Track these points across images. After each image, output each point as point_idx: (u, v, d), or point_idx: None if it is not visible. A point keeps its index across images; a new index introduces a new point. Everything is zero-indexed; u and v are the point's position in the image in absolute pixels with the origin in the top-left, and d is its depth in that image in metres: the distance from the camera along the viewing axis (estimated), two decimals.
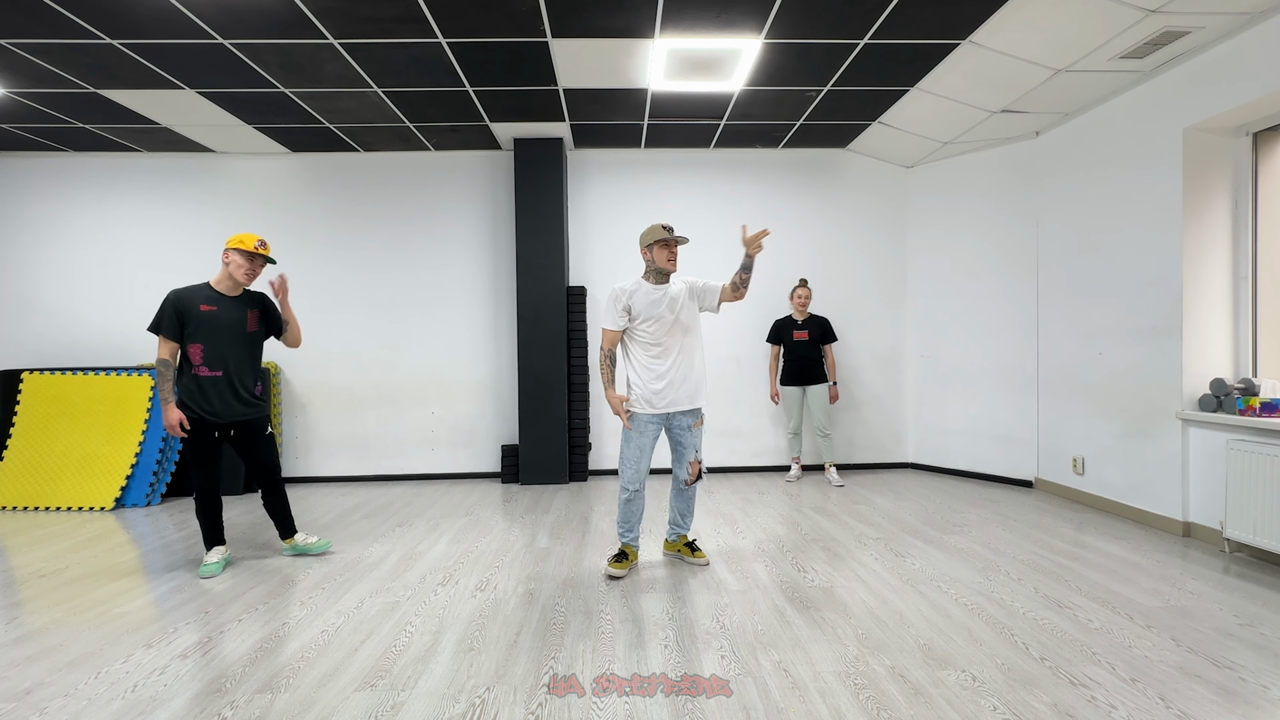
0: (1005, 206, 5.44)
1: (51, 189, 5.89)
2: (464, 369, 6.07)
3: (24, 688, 2.32)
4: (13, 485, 5.07)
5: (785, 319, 5.66)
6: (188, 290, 3.43)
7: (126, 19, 3.59)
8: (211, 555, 3.53)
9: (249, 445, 3.60)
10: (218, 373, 3.43)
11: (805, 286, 5.63)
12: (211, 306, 3.42)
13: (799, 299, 5.59)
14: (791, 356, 5.59)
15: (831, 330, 5.64)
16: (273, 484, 3.71)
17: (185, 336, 3.38)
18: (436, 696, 2.23)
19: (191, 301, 3.39)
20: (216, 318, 3.43)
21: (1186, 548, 3.74)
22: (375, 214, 6.01)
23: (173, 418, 3.31)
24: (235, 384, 3.49)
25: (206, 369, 3.41)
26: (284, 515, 3.75)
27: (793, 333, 5.59)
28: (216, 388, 3.43)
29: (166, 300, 3.37)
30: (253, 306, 3.58)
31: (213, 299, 3.45)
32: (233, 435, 3.56)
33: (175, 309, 3.36)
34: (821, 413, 5.55)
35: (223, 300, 3.47)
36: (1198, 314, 3.92)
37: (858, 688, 2.25)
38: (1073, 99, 4.50)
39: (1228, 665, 2.38)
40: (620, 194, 6.07)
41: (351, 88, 4.55)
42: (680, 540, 3.64)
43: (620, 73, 4.38)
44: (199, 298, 3.42)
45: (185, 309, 3.37)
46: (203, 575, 3.43)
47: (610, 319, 3.37)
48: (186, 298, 3.40)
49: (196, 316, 3.38)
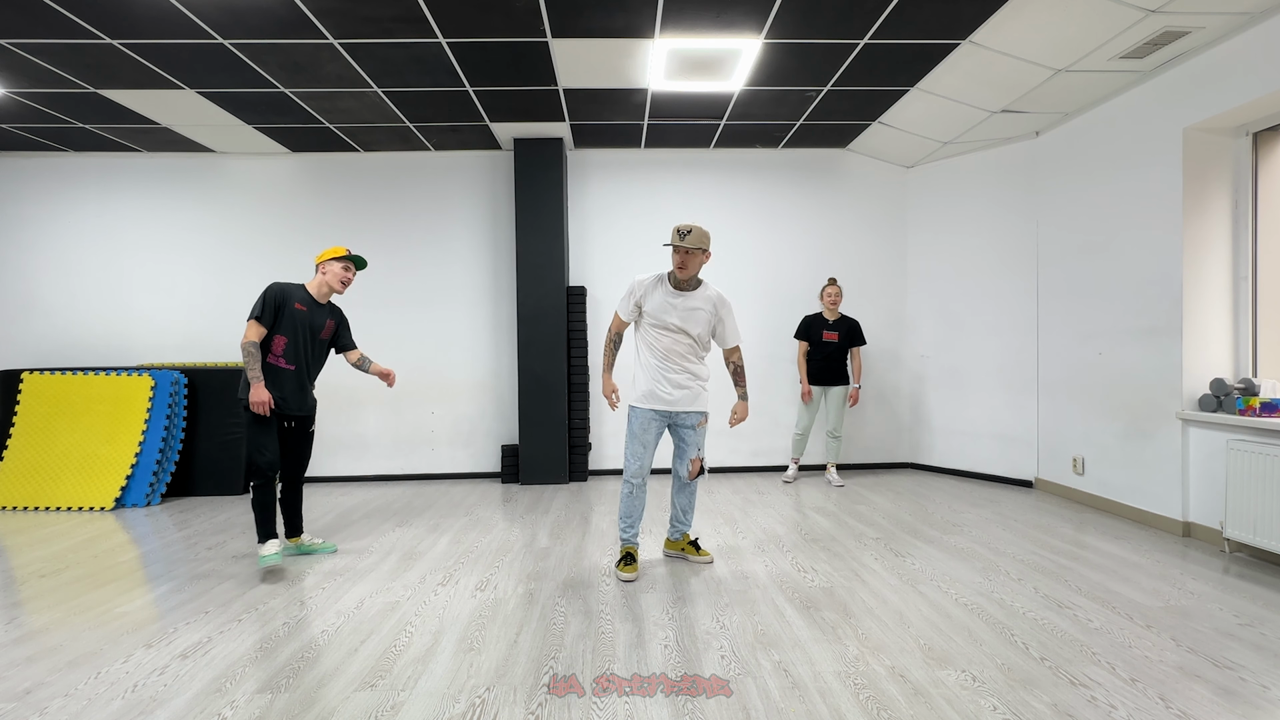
0: (1005, 206, 5.44)
1: (51, 189, 5.89)
2: (464, 369, 6.07)
3: (24, 688, 2.32)
4: (13, 485, 5.07)
5: (815, 316, 5.58)
6: (288, 286, 3.61)
7: (126, 19, 3.59)
8: (267, 547, 3.45)
9: (297, 440, 3.75)
10: (292, 367, 3.59)
11: (835, 285, 5.54)
12: (304, 307, 3.62)
13: (829, 297, 5.51)
14: (818, 356, 5.51)
15: (861, 333, 5.57)
16: (298, 481, 3.84)
17: (274, 327, 3.52)
18: (436, 696, 2.23)
19: (290, 297, 3.57)
20: (305, 318, 3.62)
21: (1186, 548, 3.74)
22: (375, 214, 6.01)
23: (263, 395, 3.41)
24: (304, 380, 3.66)
25: (284, 361, 3.56)
26: (297, 513, 3.83)
27: (822, 332, 5.51)
28: (289, 380, 3.58)
29: (270, 291, 3.50)
30: (333, 316, 3.79)
31: (306, 301, 3.64)
32: (289, 429, 3.70)
33: (277, 301, 3.51)
34: (837, 414, 5.52)
35: (313, 304, 3.68)
36: (1198, 314, 3.92)
37: (858, 688, 2.25)
38: (1073, 99, 4.50)
39: (1228, 665, 2.38)
40: (620, 194, 6.07)
41: (351, 88, 4.55)
42: (683, 539, 3.64)
43: (620, 73, 4.38)
44: (296, 296, 3.60)
45: (284, 303, 3.54)
46: (262, 565, 3.42)
47: (622, 306, 3.45)
48: (287, 293, 3.57)
49: (290, 312, 3.56)
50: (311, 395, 3.75)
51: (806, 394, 5.53)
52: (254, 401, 3.41)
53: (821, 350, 5.50)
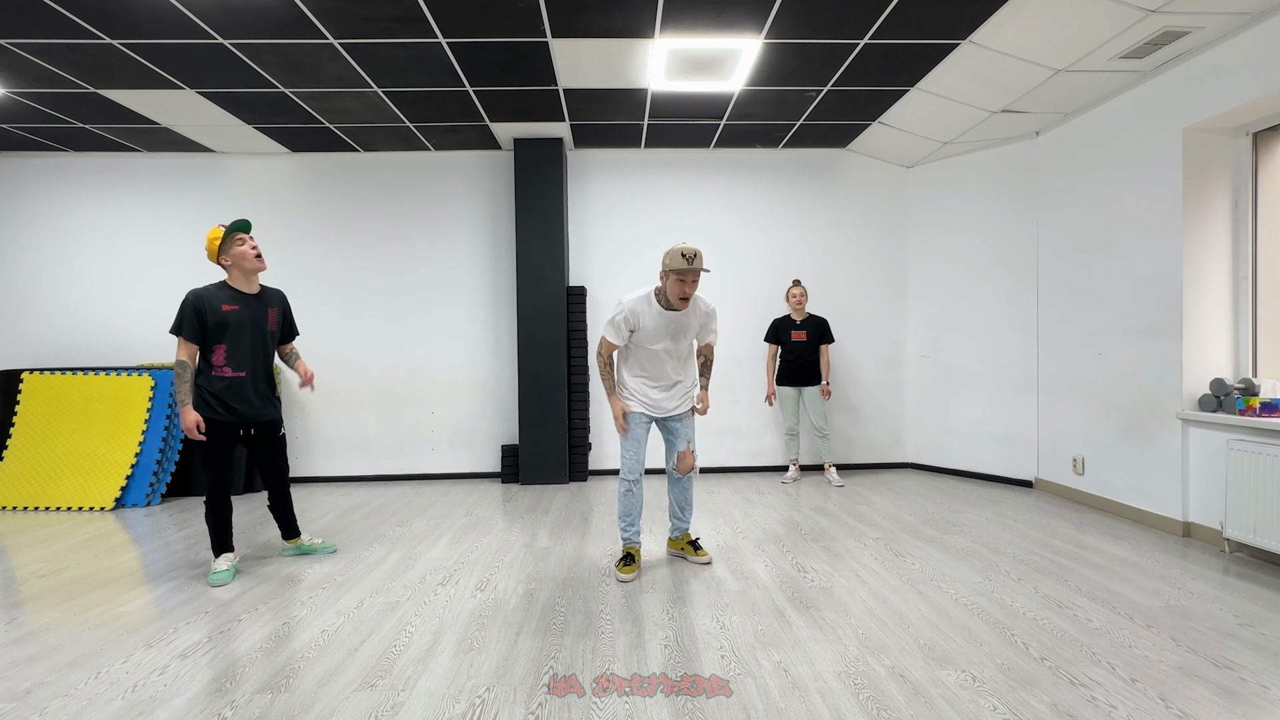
0: (1005, 206, 5.44)
1: (51, 189, 5.89)
2: (464, 369, 6.07)
3: (24, 688, 2.32)
4: (13, 485, 5.07)
5: (784, 319, 5.65)
6: (206, 290, 3.33)
7: (126, 19, 3.59)
8: (220, 563, 3.39)
9: (264, 445, 3.57)
10: (241, 373, 3.36)
11: (799, 286, 5.63)
12: (233, 306, 3.34)
13: (794, 299, 5.59)
14: (789, 356, 5.58)
15: (829, 331, 5.63)
16: (282, 485, 3.69)
17: (207, 338, 3.29)
18: (436, 696, 2.23)
19: (213, 301, 3.30)
20: (239, 317, 3.35)
21: (1186, 548, 3.74)
22: (375, 214, 6.01)
23: (190, 420, 3.22)
24: (258, 384, 3.45)
25: (230, 369, 3.34)
26: (289, 516, 3.74)
27: (791, 333, 5.58)
28: (240, 388, 3.37)
29: (186, 301, 3.25)
30: (273, 305, 3.53)
31: (234, 298, 3.36)
32: (252, 435, 3.51)
33: (196, 309, 3.25)
34: (818, 413, 5.54)
35: (243, 299, 3.39)
36: (1198, 314, 3.92)
37: (858, 688, 2.25)
38: (1073, 99, 4.50)
39: (1228, 665, 2.38)
40: (620, 194, 6.07)
41: (351, 88, 4.55)
42: (683, 538, 3.64)
43: (620, 73, 4.38)
44: (219, 298, 3.32)
45: (206, 309, 3.27)
46: (213, 584, 3.31)
47: (613, 333, 3.33)
48: (206, 297, 3.29)
49: (219, 316, 3.29)
50: (270, 398, 3.53)
51: (771, 395, 5.68)
52: (183, 427, 3.22)
53: (792, 351, 5.56)
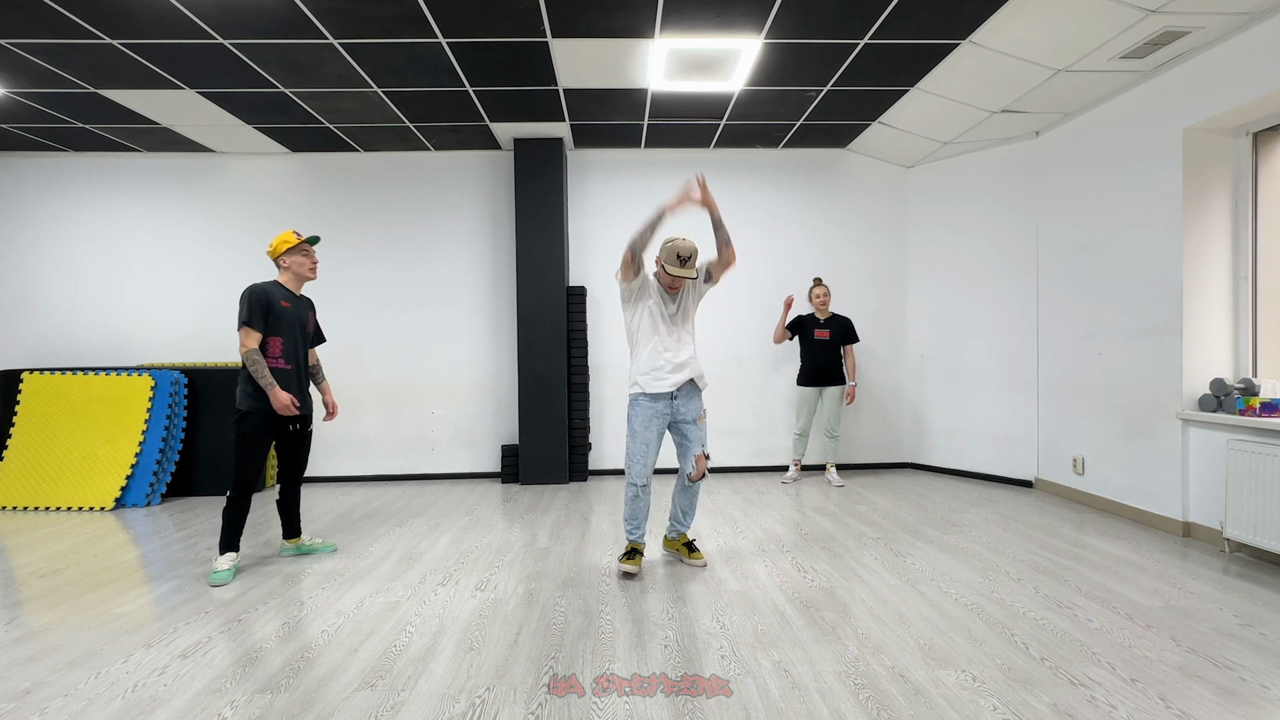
0: (1005, 206, 5.44)
1: (51, 189, 5.89)
2: (464, 369, 6.07)
3: (24, 688, 2.32)
4: (13, 485, 5.07)
5: (808, 316, 5.61)
6: (265, 285, 3.49)
7: (126, 19, 3.59)
8: (223, 562, 3.41)
9: (297, 441, 3.66)
10: (290, 366, 3.52)
11: (821, 285, 5.58)
12: (288, 303, 3.53)
13: (817, 298, 5.54)
14: (811, 355, 5.53)
15: (854, 331, 5.59)
16: (298, 482, 3.77)
17: (268, 329, 3.44)
18: (436, 696, 2.23)
19: (274, 296, 3.47)
20: (292, 314, 3.54)
21: (1186, 548, 3.74)
22: (375, 214, 6.01)
23: (284, 398, 3.35)
24: (302, 378, 3.61)
25: (283, 362, 3.48)
26: (295, 514, 3.79)
27: (814, 331, 5.53)
28: (289, 381, 3.51)
29: (252, 294, 3.38)
30: (311, 309, 3.72)
31: (287, 296, 3.55)
32: (291, 430, 3.61)
33: (264, 302, 3.41)
34: (834, 414, 5.53)
35: (293, 298, 3.59)
36: (1198, 314, 3.92)
37: (858, 688, 2.25)
38: (1073, 99, 4.50)
39: (1228, 665, 2.38)
40: (620, 194, 6.07)
41: (351, 88, 4.55)
42: (680, 539, 3.63)
43: (620, 73, 4.38)
44: (278, 293, 3.50)
45: (270, 302, 3.44)
46: (214, 583, 3.31)
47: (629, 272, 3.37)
48: (269, 291, 3.46)
49: (278, 311, 3.46)
50: (307, 393, 3.67)
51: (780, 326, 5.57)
52: (278, 406, 3.33)
53: (814, 349, 5.51)
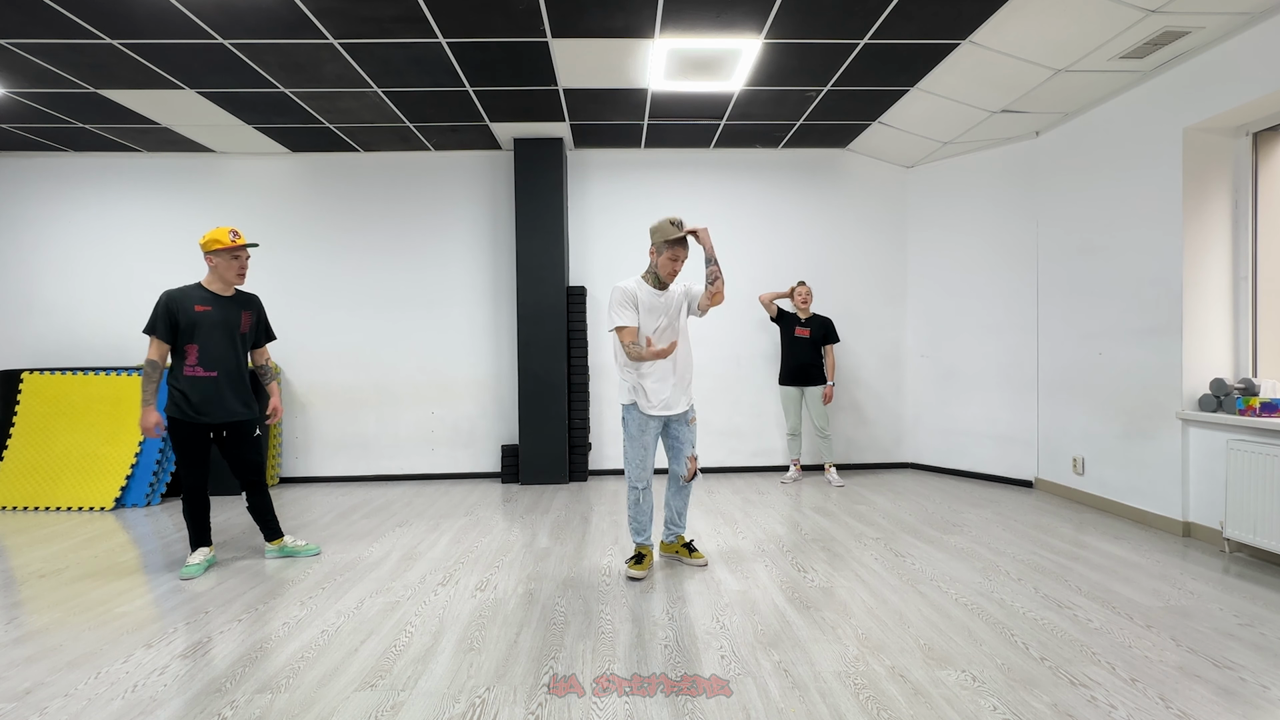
0: (1005, 206, 5.44)
1: (51, 189, 5.89)
2: (464, 369, 6.07)
3: (24, 688, 2.32)
4: (13, 485, 5.07)
5: (791, 314, 5.62)
6: (181, 291, 3.43)
7: (126, 19, 3.59)
8: (194, 556, 3.50)
9: (235, 446, 3.58)
10: (213, 373, 3.43)
11: (804, 285, 5.61)
12: (206, 307, 3.42)
13: (799, 297, 5.57)
14: (791, 354, 5.56)
15: (834, 331, 5.62)
16: (256, 485, 3.69)
17: (180, 337, 3.38)
18: (436, 696, 2.23)
19: (185, 302, 3.38)
20: (212, 318, 3.43)
21: (1186, 548, 3.74)
22: (375, 214, 6.01)
23: (150, 421, 3.32)
24: (231, 384, 3.50)
25: (202, 369, 3.40)
26: (268, 517, 3.72)
27: (795, 329, 5.55)
28: (212, 388, 3.43)
29: (160, 301, 3.35)
30: (246, 308, 3.59)
31: (206, 299, 3.44)
32: (223, 436, 3.55)
33: (168, 309, 3.34)
34: (819, 414, 5.54)
35: (217, 300, 3.47)
36: (1198, 314, 3.92)
37: (858, 688, 2.25)
38: (1073, 99, 4.50)
39: (1228, 665, 2.38)
40: (620, 194, 6.07)
41: (351, 88, 4.55)
42: (678, 541, 3.63)
43: (620, 73, 4.38)
44: (193, 298, 3.41)
45: (179, 309, 3.36)
46: (183, 577, 3.39)
47: (625, 316, 3.24)
48: (180, 298, 3.39)
49: (192, 317, 3.38)
50: (242, 398, 3.53)
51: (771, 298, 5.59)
52: (142, 427, 3.32)
53: (794, 349, 5.53)
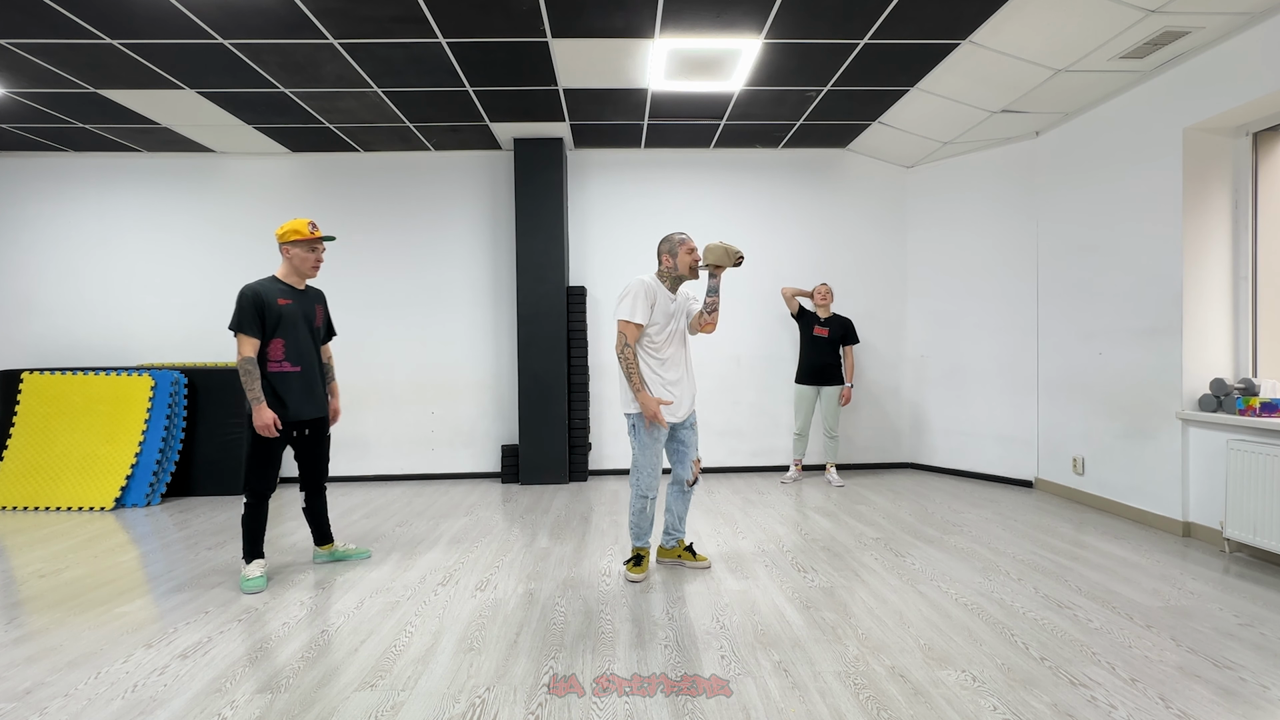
0: (1005, 206, 5.44)
1: (51, 189, 5.89)
2: (464, 369, 6.07)
3: (24, 688, 2.32)
4: (13, 485, 5.07)
5: (811, 313, 5.62)
6: (261, 284, 3.28)
7: (126, 19, 3.59)
8: (254, 569, 3.30)
9: (314, 444, 3.49)
10: (298, 368, 3.31)
11: (824, 285, 5.60)
12: (288, 300, 3.30)
13: (819, 295, 5.56)
14: (810, 353, 5.54)
15: (854, 332, 5.60)
16: (320, 487, 3.61)
17: (266, 332, 3.23)
18: (436, 696, 2.23)
19: (269, 295, 3.25)
20: (294, 311, 3.31)
21: (1186, 548, 3.74)
22: (375, 214, 6.01)
23: (266, 417, 3.14)
24: (314, 378, 3.40)
25: (289, 364, 3.28)
26: (323, 520, 3.64)
27: (814, 327, 5.54)
28: (299, 383, 3.32)
29: (244, 296, 3.18)
30: (319, 302, 3.52)
31: (286, 292, 3.32)
32: (305, 434, 3.44)
33: (255, 304, 3.19)
34: (832, 414, 5.54)
35: (295, 294, 3.36)
36: (1198, 314, 3.92)
37: (858, 688, 2.25)
38: (1073, 99, 4.50)
39: (1228, 665, 2.38)
40: (620, 194, 6.07)
41: (351, 88, 4.55)
42: (679, 545, 3.60)
43: (620, 73, 4.38)
44: (275, 291, 3.28)
45: (265, 304, 3.22)
46: (248, 590, 3.21)
47: (637, 310, 3.16)
48: (264, 292, 3.24)
49: (277, 310, 3.25)
50: (322, 393, 3.46)
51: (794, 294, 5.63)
52: (258, 426, 3.13)
53: (813, 348, 5.52)
